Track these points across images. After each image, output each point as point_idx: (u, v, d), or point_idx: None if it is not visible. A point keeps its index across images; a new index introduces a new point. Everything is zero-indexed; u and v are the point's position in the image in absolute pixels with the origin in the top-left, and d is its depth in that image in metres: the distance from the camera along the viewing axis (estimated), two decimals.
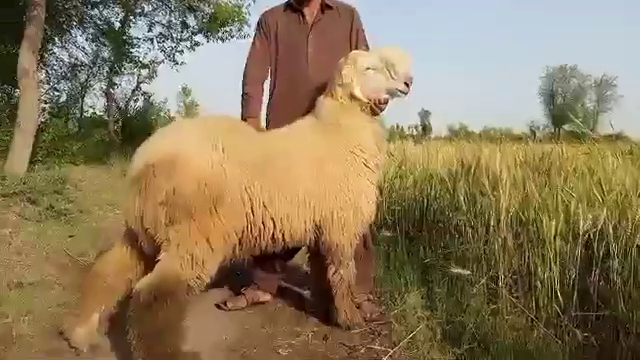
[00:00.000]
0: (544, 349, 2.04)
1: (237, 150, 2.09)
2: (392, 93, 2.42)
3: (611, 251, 2.26)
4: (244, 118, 2.74)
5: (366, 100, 2.41)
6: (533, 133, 50.57)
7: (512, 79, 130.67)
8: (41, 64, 10.51)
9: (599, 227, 2.34)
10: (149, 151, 2.02)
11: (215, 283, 2.19)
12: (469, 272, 2.40)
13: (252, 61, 2.85)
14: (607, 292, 2.28)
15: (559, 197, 2.54)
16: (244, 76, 2.83)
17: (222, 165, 2.03)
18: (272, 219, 2.19)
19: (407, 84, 2.37)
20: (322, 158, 2.33)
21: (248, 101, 2.77)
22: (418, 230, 3.77)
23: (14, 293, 2.69)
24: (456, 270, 2.37)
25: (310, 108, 2.61)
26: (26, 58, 5.78)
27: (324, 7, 2.81)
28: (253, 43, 2.90)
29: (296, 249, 2.78)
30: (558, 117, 58.58)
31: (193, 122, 2.22)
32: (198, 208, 1.93)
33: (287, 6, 2.86)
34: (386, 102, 2.45)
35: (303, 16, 2.80)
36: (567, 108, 57.35)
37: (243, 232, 2.15)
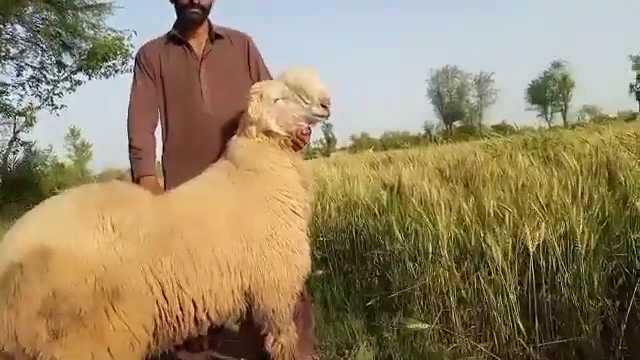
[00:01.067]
0: None
1: (133, 225, 1.67)
2: (311, 120, 2.12)
3: (560, 266, 2.14)
4: (137, 178, 2.31)
5: (285, 134, 2.10)
6: (428, 132, 53.69)
7: (402, 83, 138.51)
8: None
9: (541, 240, 2.23)
10: (12, 246, 1.55)
11: None
12: (428, 325, 2.15)
13: (136, 106, 2.42)
14: (562, 309, 2.16)
15: (496, 212, 2.42)
16: (129, 125, 2.39)
17: (114, 247, 1.60)
18: (192, 300, 1.79)
19: (325, 106, 2.09)
20: (243, 213, 1.97)
21: (139, 156, 2.33)
22: (351, 263, 3.51)
23: None
24: (413, 325, 2.11)
25: (214, 152, 2.25)
26: None
27: (213, 37, 2.46)
28: (134, 84, 2.46)
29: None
30: (447, 115, 63.08)
31: (68, 198, 1.75)
32: (89, 311, 1.50)
33: (169, 38, 2.47)
34: (309, 132, 2.16)
35: (190, 48, 2.43)
36: (454, 106, 62.02)
37: (156, 324, 1.73)
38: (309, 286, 2.99)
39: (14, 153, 14.30)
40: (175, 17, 2.47)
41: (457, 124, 62.70)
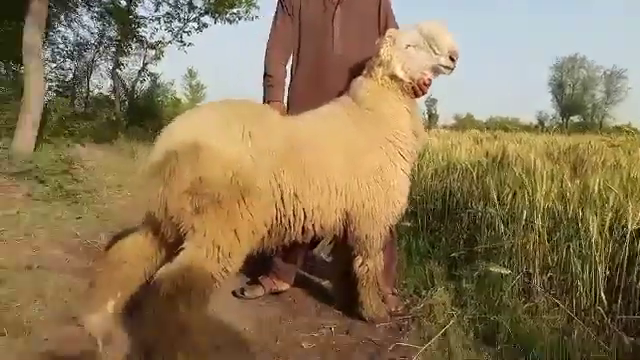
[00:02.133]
0: (588, 353, 1.91)
1: (265, 138, 1.95)
2: (436, 70, 2.26)
3: None
4: (267, 102, 2.59)
5: (409, 80, 2.26)
6: (541, 123, 49.99)
7: (519, 67, 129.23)
8: (47, 42, 10.30)
9: None
10: (171, 138, 1.88)
11: None
12: (508, 271, 2.26)
13: (274, 41, 2.68)
14: None
15: (600, 192, 2.41)
16: (266, 57, 2.65)
17: (250, 154, 1.89)
18: (303, 209, 2.06)
19: (452, 59, 2.21)
20: (357, 146, 2.19)
21: (271, 84, 2.60)
22: (440, 222, 3.63)
23: (23, 276, 2.56)
24: (496, 269, 2.23)
25: (336, 91, 2.46)
26: (31, 35, 5.62)
27: None
28: (275, 21, 2.72)
29: (319, 240, 2.65)
30: (567, 108, 58.10)
31: (216, 107, 2.07)
32: (226, 198, 1.80)
33: None
34: (430, 83, 2.29)
35: None
36: (576, 99, 56.91)
37: (272, 223, 2.03)
38: (398, 232, 3.19)
39: (141, 82, 15.75)
40: None
41: (575, 119, 57.63)
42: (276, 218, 2.03)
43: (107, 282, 2.07)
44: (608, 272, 2.21)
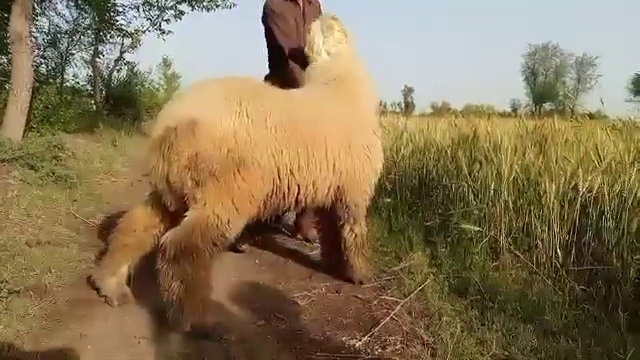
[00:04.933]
0: (546, 299, 2.22)
1: (263, 114, 2.10)
2: None
3: (606, 212, 2.43)
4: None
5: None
6: (514, 110, 51.02)
7: (494, 56, 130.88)
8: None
9: (594, 191, 2.52)
10: (171, 114, 2.04)
11: None
12: (479, 228, 2.56)
13: (282, 40, 3.16)
14: (599, 250, 2.47)
15: (558, 163, 2.72)
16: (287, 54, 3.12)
17: (246, 131, 2.03)
18: (298, 185, 2.24)
19: None
20: (350, 124, 2.43)
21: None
22: (417, 197, 3.92)
23: (35, 250, 2.76)
24: (466, 226, 2.52)
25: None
26: (19, 23, 5.65)
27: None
28: (269, 29, 3.22)
29: None
30: (539, 95, 59.23)
31: (217, 85, 2.20)
32: (221, 171, 1.96)
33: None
34: None
35: (297, 6, 3.31)
36: (548, 86, 58.00)
37: (268, 195, 2.19)
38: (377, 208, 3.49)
39: (118, 71, 15.63)
40: None
41: (547, 106, 58.87)
42: (272, 190, 2.20)
43: (120, 248, 2.28)
44: (564, 232, 2.52)
